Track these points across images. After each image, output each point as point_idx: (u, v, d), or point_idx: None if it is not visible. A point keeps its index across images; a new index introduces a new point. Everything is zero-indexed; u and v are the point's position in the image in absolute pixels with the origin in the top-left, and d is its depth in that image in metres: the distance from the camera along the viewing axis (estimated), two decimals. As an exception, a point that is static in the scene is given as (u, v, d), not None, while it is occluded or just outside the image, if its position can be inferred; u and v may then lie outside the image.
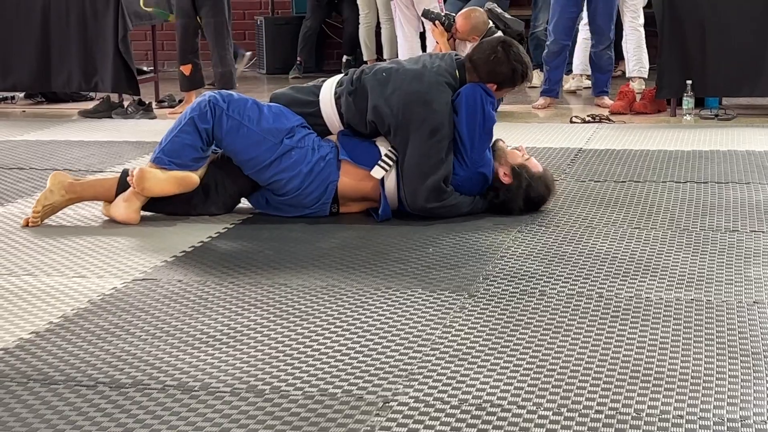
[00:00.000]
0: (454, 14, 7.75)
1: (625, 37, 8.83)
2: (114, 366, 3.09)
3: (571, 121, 7.76)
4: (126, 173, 4.86)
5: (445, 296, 3.71)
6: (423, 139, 4.73)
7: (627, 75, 9.10)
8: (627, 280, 3.88)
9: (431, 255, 4.25)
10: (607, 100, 8.40)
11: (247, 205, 5.03)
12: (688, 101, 7.72)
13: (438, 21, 7.67)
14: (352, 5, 10.71)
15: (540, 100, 8.50)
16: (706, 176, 5.66)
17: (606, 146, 6.65)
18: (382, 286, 3.84)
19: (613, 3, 8.32)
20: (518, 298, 3.68)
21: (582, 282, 3.86)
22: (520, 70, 4.90)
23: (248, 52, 10.67)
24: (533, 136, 7.11)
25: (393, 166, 4.82)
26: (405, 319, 3.47)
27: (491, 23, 7.58)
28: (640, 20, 8.92)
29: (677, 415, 2.70)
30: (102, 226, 4.82)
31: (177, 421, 2.70)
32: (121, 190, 4.85)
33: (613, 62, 8.62)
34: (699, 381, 2.92)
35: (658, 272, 3.97)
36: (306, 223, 4.79)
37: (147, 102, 8.50)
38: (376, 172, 4.81)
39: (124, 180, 4.84)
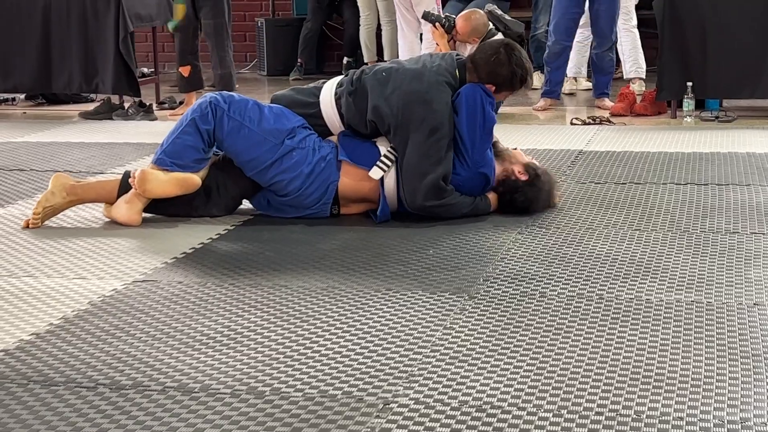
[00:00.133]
0: (454, 16, 7.74)
1: (620, 39, 8.82)
2: (114, 367, 3.09)
3: (571, 123, 7.77)
4: (127, 175, 4.86)
5: (446, 298, 3.71)
6: (422, 138, 4.73)
7: (624, 77, 9.11)
8: (627, 281, 3.88)
9: (432, 257, 4.25)
10: (607, 102, 8.39)
11: (248, 206, 5.03)
12: (688, 103, 7.72)
13: (438, 23, 7.67)
14: (353, 7, 10.71)
15: (540, 102, 8.50)
16: (706, 178, 5.66)
17: (606, 148, 6.65)
18: (383, 288, 3.84)
19: (616, 5, 8.30)
20: (519, 300, 3.68)
21: (582, 284, 3.86)
22: (520, 74, 4.90)
23: None
24: (534, 137, 7.10)
25: (392, 166, 4.82)
26: (405, 321, 3.46)
27: (491, 25, 7.58)
28: (633, 21, 8.93)
29: (677, 417, 2.70)
30: (102, 227, 4.82)
31: (177, 422, 2.70)
32: (122, 191, 4.85)
33: (614, 64, 8.62)
34: (699, 383, 2.92)
35: (659, 274, 3.97)
36: (306, 224, 4.79)
37: (148, 104, 8.50)
38: (375, 173, 4.81)
39: (126, 182, 4.84)
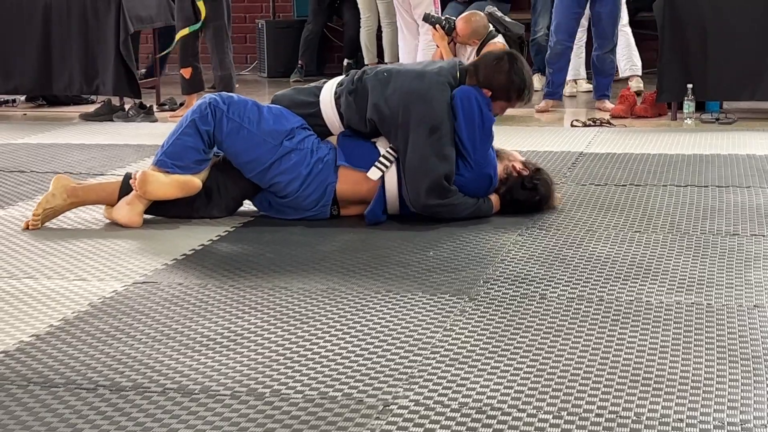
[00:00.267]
0: (454, 18, 7.75)
1: None
2: (114, 369, 3.09)
3: (571, 125, 7.76)
4: (128, 177, 4.86)
5: (446, 299, 3.71)
6: (423, 137, 4.73)
7: (620, 75, 9.11)
8: (627, 283, 3.88)
9: (432, 258, 4.25)
10: (608, 104, 8.39)
11: (248, 208, 5.03)
12: (688, 105, 7.72)
13: (438, 25, 7.67)
14: (353, 9, 10.70)
15: (542, 103, 8.49)
16: (706, 180, 5.66)
17: (607, 150, 6.65)
18: (383, 289, 3.84)
19: (618, 6, 8.30)
20: (519, 302, 3.68)
21: (582, 285, 3.86)
22: (516, 84, 4.86)
23: None
24: (534, 139, 7.10)
25: (390, 166, 4.82)
26: (405, 323, 3.46)
27: (491, 27, 7.58)
28: (625, 20, 8.95)
29: (677, 418, 2.70)
30: (102, 228, 4.82)
31: (177, 424, 2.70)
32: (124, 193, 4.85)
33: (615, 66, 8.62)
34: (699, 384, 2.92)
35: (659, 276, 3.97)
36: (306, 225, 4.79)
37: (148, 105, 8.50)
38: (373, 174, 4.80)
39: (127, 183, 4.84)
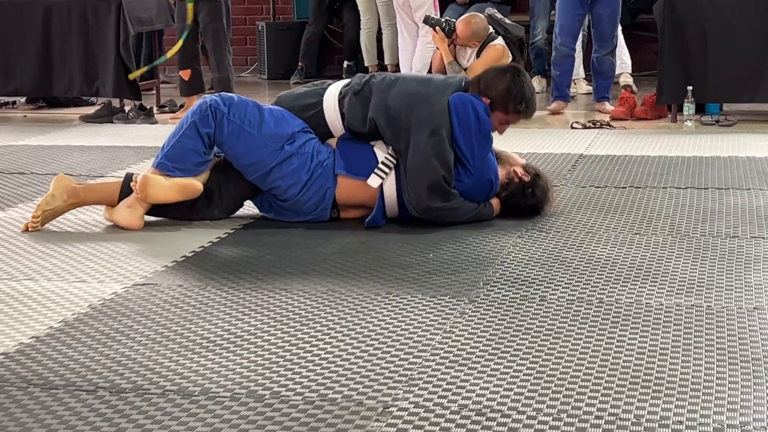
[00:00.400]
0: (454, 20, 7.74)
1: None
2: (114, 371, 3.09)
3: (571, 127, 7.76)
4: (129, 178, 4.85)
5: (446, 301, 3.71)
6: (424, 139, 4.72)
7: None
8: (627, 285, 3.88)
9: (432, 260, 4.25)
10: (608, 106, 8.39)
11: (248, 210, 5.03)
12: (688, 107, 7.72)
13: (438, 27, 7.67)
14: (353, 10, 10.71)
15: (553, 104, 8.50)
16: (706, 182, 5.66)
17: (607, 152, 6.65)
18: (383, 292, 3.84)
19: (618, 9, 8.31)
20: (518, 304, 3.68)
21: (582, 287, 3.86)
22: (515, 94, 4.84)
23: None
24: (534, 141, 7.10)
25: (389, 173, 4.81)
26: (405, 325, 3.46)
27: (491, 29, 7.58)
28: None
29: (677, 420, 2.70)
30: (102, 230, 4.82)
31: (177, 426, 2.70)
32: (124, 194, 4.84)
33: (615, 68, 8.62)
34: (699, 387, 2.92)
35: (659, 278, 3.97)
36: (306, 228, 4.79)
37: (148, 107, 8.50)
38: (373, 181, 4.79)
39: (128, 185, 4.84)
